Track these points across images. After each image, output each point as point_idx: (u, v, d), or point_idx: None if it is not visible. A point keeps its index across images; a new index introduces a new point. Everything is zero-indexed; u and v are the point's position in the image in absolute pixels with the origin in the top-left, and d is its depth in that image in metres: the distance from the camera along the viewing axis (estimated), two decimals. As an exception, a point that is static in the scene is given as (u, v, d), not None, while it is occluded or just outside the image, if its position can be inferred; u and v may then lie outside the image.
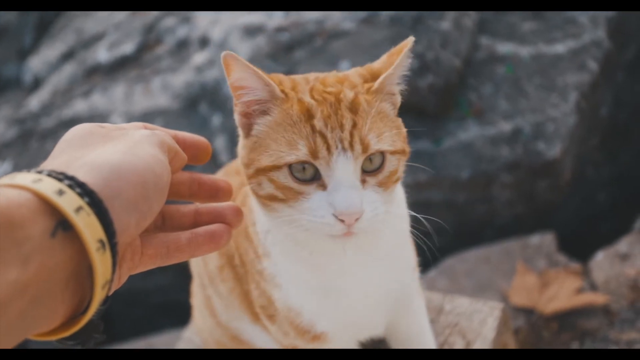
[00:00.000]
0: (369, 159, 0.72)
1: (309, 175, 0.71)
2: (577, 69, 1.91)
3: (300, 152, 0.70)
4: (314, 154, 0.70)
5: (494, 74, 1.96)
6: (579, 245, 1.80)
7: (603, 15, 2.01)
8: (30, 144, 2.38)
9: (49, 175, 0.50)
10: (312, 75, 0.79)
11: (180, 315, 1.43)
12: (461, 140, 1.85)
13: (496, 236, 1.83)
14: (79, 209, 0.49)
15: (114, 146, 0.58)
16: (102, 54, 2.53)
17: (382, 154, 0.73)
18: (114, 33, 2.60)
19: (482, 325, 1.09)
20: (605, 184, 2.12)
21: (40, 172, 0.51)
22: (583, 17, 2.03)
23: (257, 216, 0.84)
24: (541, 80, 1.92)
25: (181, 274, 1.98)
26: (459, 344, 1.07)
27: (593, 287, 1.56)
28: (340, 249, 0.79)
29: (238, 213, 0.70)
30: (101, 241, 0.50)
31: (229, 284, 0.95)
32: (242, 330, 1.00)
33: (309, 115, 0.71)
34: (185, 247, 0.65)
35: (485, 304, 1.13)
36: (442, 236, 0.84)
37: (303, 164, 0.71)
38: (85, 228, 0.49)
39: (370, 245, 0.83)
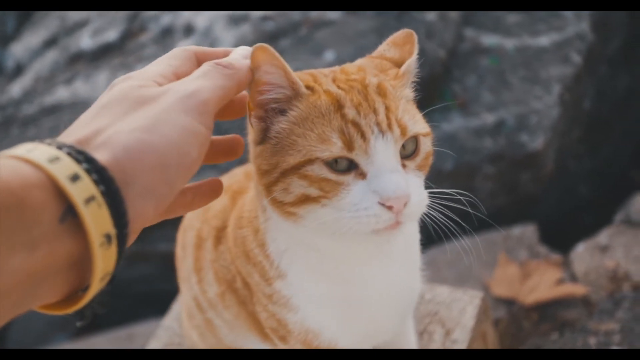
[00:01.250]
0: (403, 145, 0.68)
1: (343, 166, 0.66)
2: (560, 61, 1.92)
3: (335, 147, 0.65)
4: (349, 145, 0.65)
5: (478, 65, 1.97)
6: (560, 237, 1.82)
7: (587, 8, 2.02)
8: (11, 131, 2.35)
9: (69, 154, 0.47)
10: (325, 70, 0.75)
11: (163, 304, 1.42)
12: (445, 131, 1.85)
13: (478, 227, 1.83)
14: (90, 200, 0.46)
15: (136, 119, 0.52)
16: (85, 41, 2.50)
17: (416, 137, 0.70)
18: (97, 20, 2.57)
19: (462, 314, 1.10)
20: (586, 176, 2.14)
21: (60, 148, 0.47)
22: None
23: (270, 236, 0.78)
24: (525, 72, 1.92)
25: (164, 265, 1.97)
26: (438, 333, 1.08)
27: (573, 278, 1.58)
28: (367, 254, 0.77)
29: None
30: (107, 235, 0.47)
31: (233, 310, 0.91)
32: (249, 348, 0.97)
33: (338, 105, 0.67)
34: (189, 204, 0.64)
35: (465, 292, 1.14)
36: (425, 227, 0.84)
37: (337, 159, 0.66)
38: (92, 222, 0.46)
39: (395, 246, 0.80)
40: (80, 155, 0.47)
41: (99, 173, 0.47)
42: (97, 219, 0.46)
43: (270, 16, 2.10)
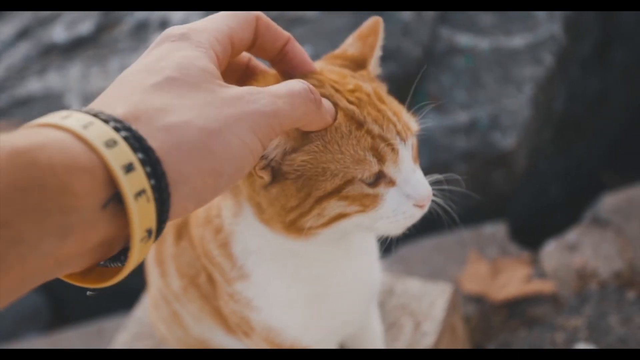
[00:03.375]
0: None
1: (373, 177, 0.67)
2: (533, 62, 1.95)
3: (372, 165, 0.66)
4: (381, 160, 0.66)
5: (453, 64, 1.98)
6: (530, 235, 1.84)
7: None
8: (-20, 123, 2.31)
9: (126, 138, 0.43)
10: (318, 77, 0.70)
11: (134, 300, 1.41)
12: (420, 130, 1.86)
13: (450, 226, 1.85)
14: (140, 193, 0.43)
15: (205, 117, 0.48)
16: (59, 34, 2.47)
17: None
18: (71, 12, 2.54)
19: (432, 306, 1.11)
20: (557, 176, 2.17)
21: (118, 130, 0.43)
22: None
23: (238, 237, 0.77)
24: (499, 72, 1.94)
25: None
26: (408, 326, 1.08)
27: (543, 275, 1.60)
28: (339, 250, 0.78)
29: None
30: (149, 230, 0.45)
31: (197, 304, 0.90)
32: (217, 341, 0.96)
33: (357, 122, 0.66)
34: None
35: (436, 286, 1.15)
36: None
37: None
38: (138, 216, 0.43)
39: (362, 238, 0.82)
40: (136, 143, 0.44)
41: (153, 166, 0.44)
42: (143, 214, 0.44)
43: (247, 11, 2.09)
